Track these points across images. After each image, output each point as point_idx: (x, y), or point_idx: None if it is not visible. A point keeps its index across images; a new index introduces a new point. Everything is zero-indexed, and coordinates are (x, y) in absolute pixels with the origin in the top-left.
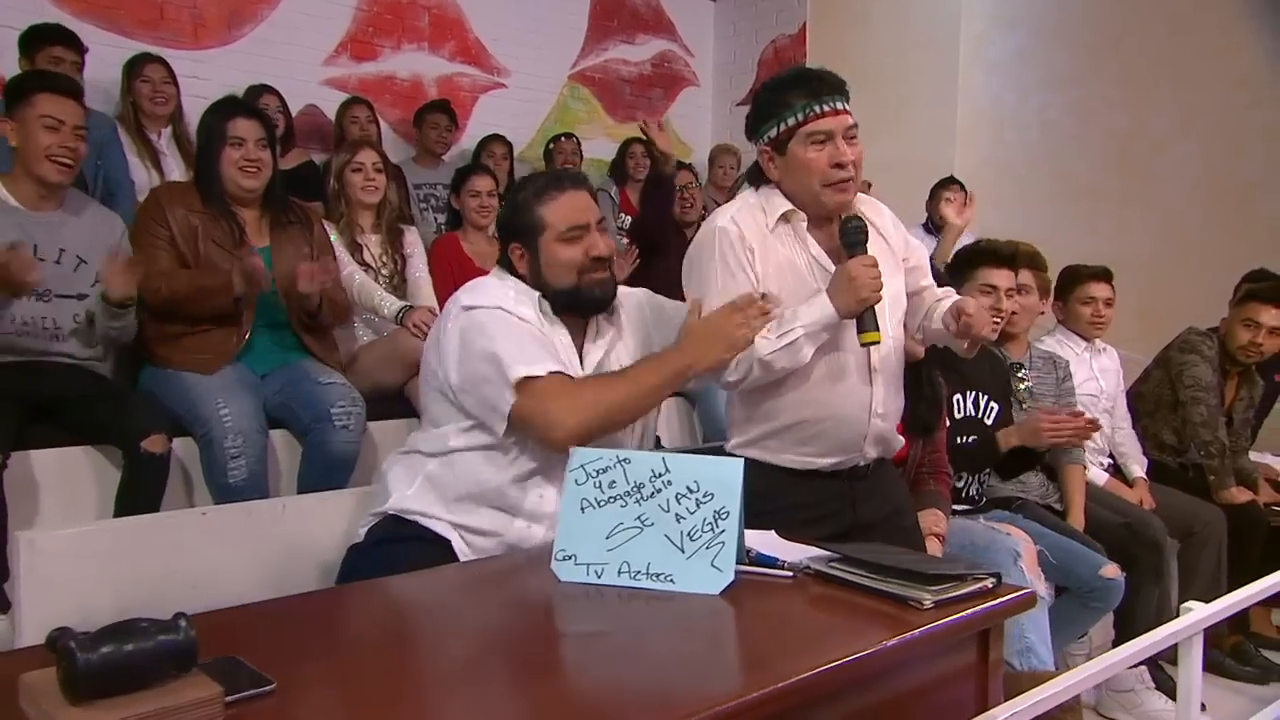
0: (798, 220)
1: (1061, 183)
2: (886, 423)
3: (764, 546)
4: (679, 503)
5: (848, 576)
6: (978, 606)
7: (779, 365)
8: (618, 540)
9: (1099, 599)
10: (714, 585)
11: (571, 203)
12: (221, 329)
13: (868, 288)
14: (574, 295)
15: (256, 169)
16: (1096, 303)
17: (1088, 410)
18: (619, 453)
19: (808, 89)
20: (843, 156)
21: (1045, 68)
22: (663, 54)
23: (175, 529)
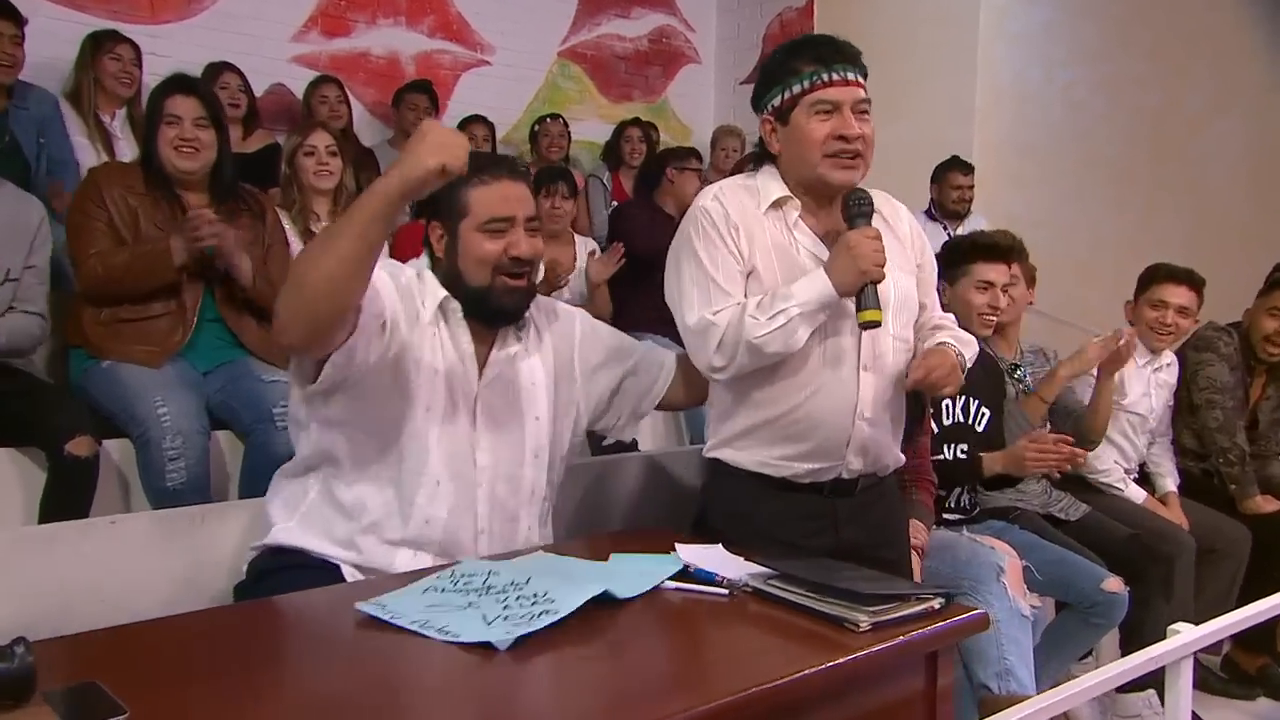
0: (790, 207)
1: (1089, 165)
2: (875, 430)
3: (707, 561)
4: (517, 602)
5: (785, 595)
6: (922, 629)
7: (771, 349)
8: (435, 608)
9: (1101, 615)
10: (488, 636)
11: (503, 192)
12: (166, 318)
13: (869, 260)
14: (484, 297)
15: (194, 150)
16: (1166, 308)
17: (1132, 432)
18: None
19: (817, 55)
20: (848, 129)
21: (1072, 42)
22: (661, 29)
23: (81, 539)
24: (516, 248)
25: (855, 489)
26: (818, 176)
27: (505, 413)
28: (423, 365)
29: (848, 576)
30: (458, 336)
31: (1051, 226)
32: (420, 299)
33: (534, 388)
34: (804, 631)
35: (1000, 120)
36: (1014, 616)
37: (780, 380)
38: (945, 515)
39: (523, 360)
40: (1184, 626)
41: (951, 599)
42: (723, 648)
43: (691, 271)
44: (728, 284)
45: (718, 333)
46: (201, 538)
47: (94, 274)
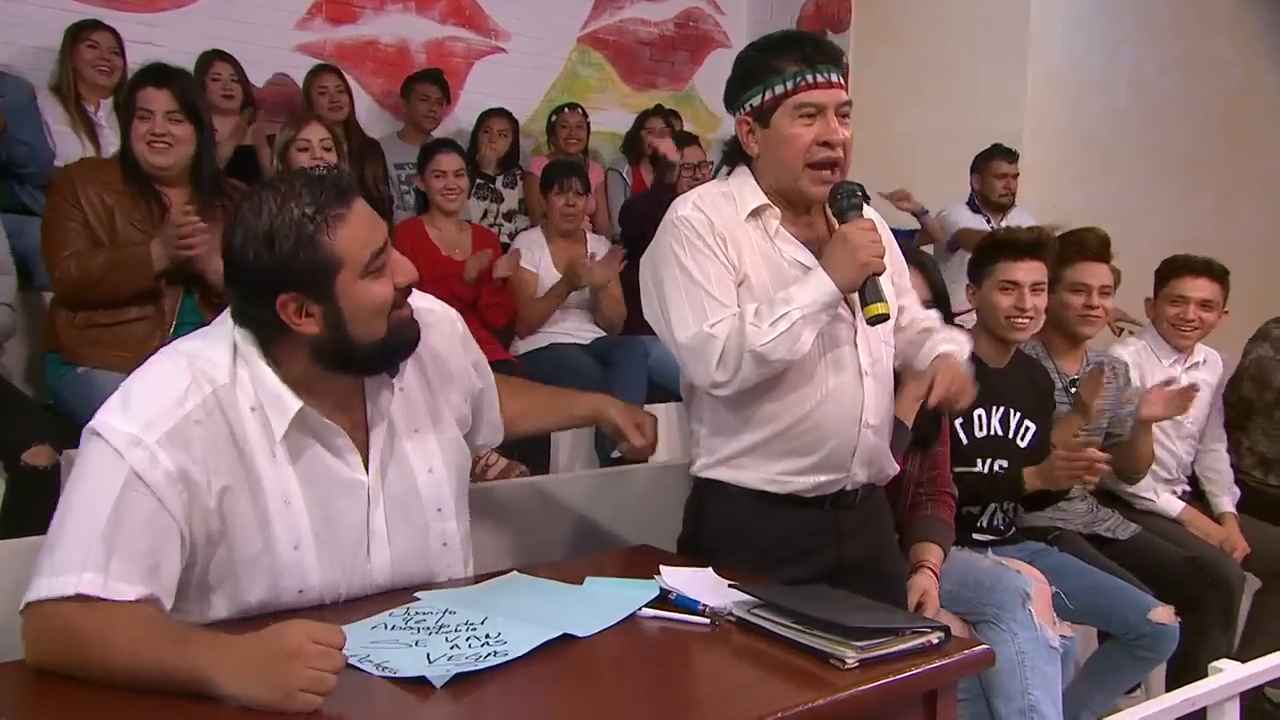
0: (770, 216)
1: (1156, 155)
2: (878, 438)
3: (693, 586)
4: (466, 642)
5: (769, 626)
6: (918, 667)
7: (775, 357)
8: (378, 644)
9: (1148, 647)
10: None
11: (367, 220)
12: (143, 322)
13: (867, 251)
14: (383, 349)
15: (166, 144)
16: (1187, 303)
17: (1167, 438)
18: (452, 602)
19: (801, 54)
20: (833, 134)
21: (1138, 19)
22: (688, 11)
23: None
24: (403, 275)
25: (855, 500)
26: (796, 187)
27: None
28: (269, 506)
29: (838, 607)
30: (330, 443)
31: (1114, 222)
32: (254, 425)
33: (418, 435)
34: (787, 667)
35: (1055, 106)
36: (1041, 648)
37: (787, 391)
38: (976, 536)
39: (399, 410)
40: (1227, 664)
41: (949, 634)
42: (697, 684)
43: (679, 285)
44: (722, 294)
45: (718, 345)
46: None
47: (69, 277)
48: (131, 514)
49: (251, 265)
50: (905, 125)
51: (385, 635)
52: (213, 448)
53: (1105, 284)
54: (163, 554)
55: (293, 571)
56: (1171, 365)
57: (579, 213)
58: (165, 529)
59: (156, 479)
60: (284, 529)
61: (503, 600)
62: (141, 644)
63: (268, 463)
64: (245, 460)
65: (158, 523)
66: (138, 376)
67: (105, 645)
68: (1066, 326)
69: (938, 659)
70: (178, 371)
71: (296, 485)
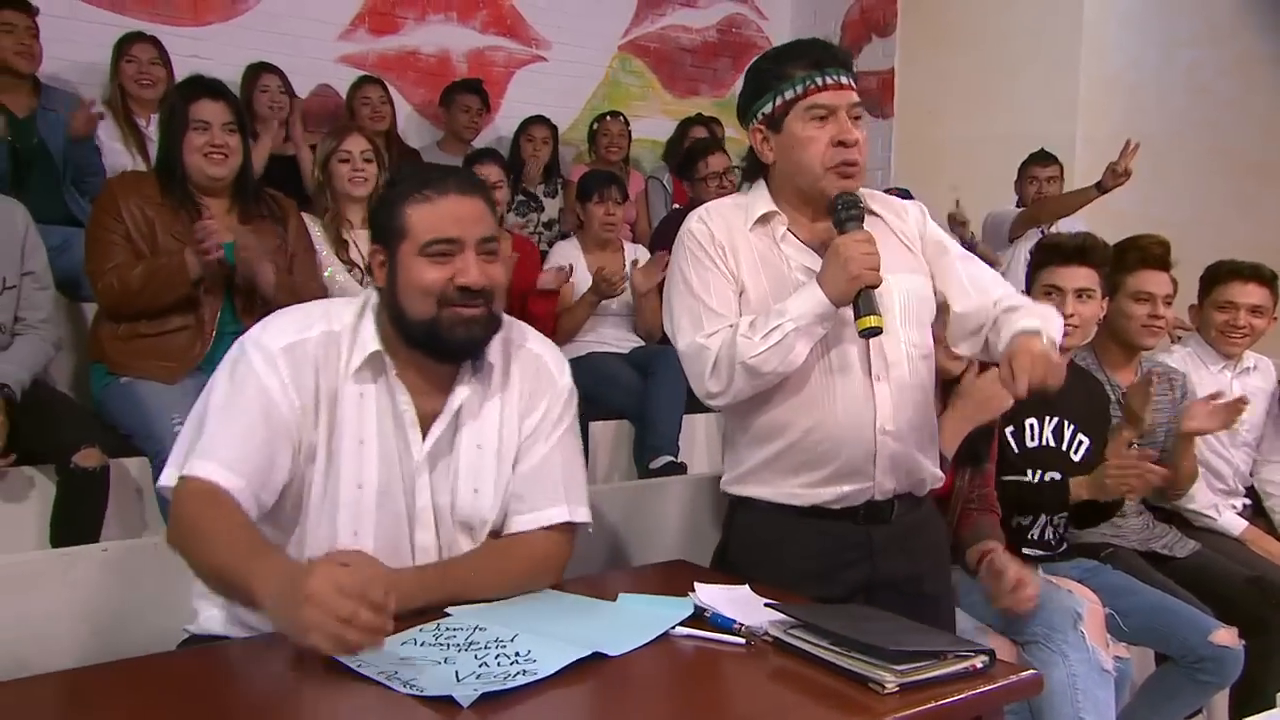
0: (777, 222)
1: (1216, 159)
2: (900, 444)
3: (728, 605)
4: (495, 661)
5: (806, 648)
6: (961, 693)
7: (767, 369)
8: (406, 661)
9: (1210, 671)
10: (452, 691)
11: (449, 210)
12: (184, 332)
13: (860, 264)
14: (430, 332)
15: (223, 155)
16: (1235, 309)
17: (1223, 446)
18: (483, 619)
19: (809, 59)
20: (846, 134)
21: (1197, 18)
22: (730, 18)
23: (71, 567)
24: (465, 275)
25: (891, 514)
26: (819, 190)
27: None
28: (341, 442)
29: (878, 628)
30: (396, 397)
31: (1171, 229)
32: (343, 357)
33: (479, 452)
34: (824, 690)
35: (1110, 110)
36: (1093, 670)
37: (789, 404)
38: (1026, 550)
39: (471, 418)
40: None
41: (994, 658)
42: (731, 707)
43: (682, 297)
44: (719, 306)
45: (710, 356)
46: None
47: (110, 289)
48: (252, 412)
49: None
50: (952, 131)
51: (415, 651)
52: (320, 374)
53: (1168, 293)
54: (274, 452)
55: (350, 509)
56: (1220, 372)
57: (618, 222)
58: (278, 430)
59: (274, 384)
60: (351, 465)
61: (533, 617)
62: (223, 545)
63: (353, 402)
64: (338, 394)
65: (273, 423)
66: (282, 310)
67: (198, 535)
68: (1126, 336)
69: (983, 684)
70: (312, 311)
71: (374, 432)
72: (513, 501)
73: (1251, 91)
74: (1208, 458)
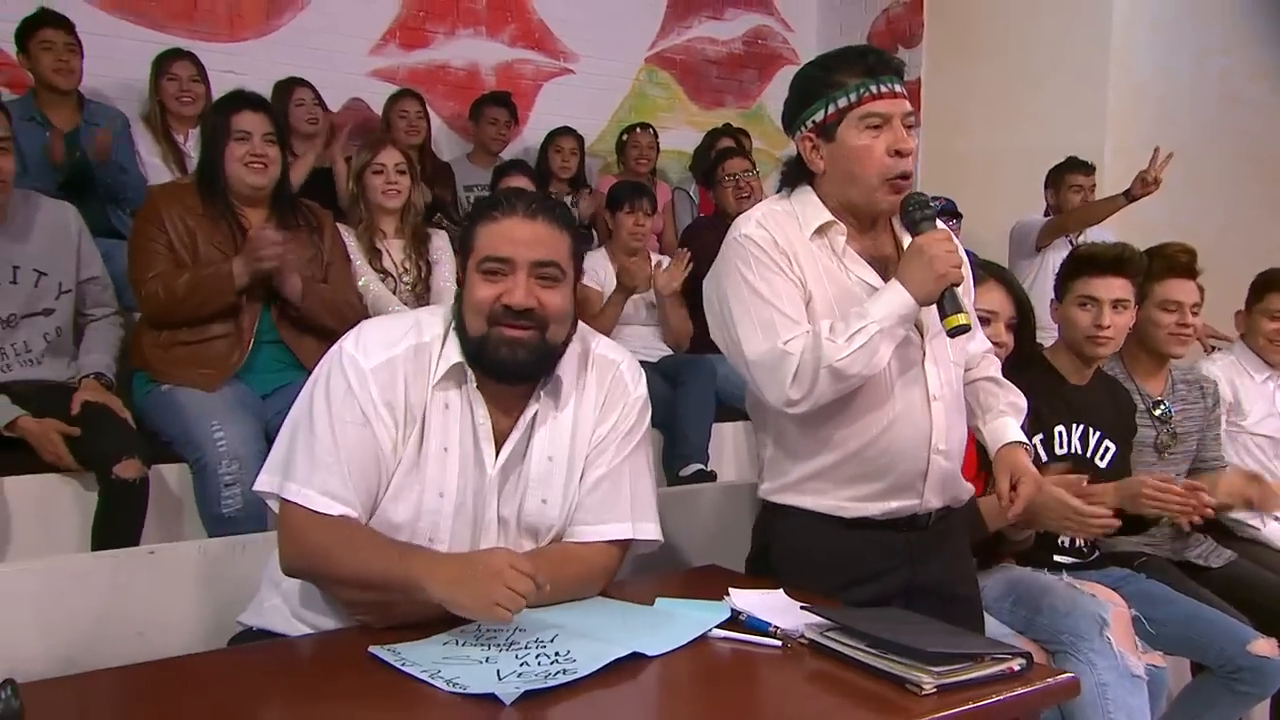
0: (836, 233)
1: (1248, 166)
2: (950, 463)
3: (764, 608)
4: (535, 660)
5: (843, 650)
6: (999, 695)
7: (853, 371)
8: (449, 659)
9: (1248, 682)
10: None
11: (508, 230)
12: (224, 340)
13: (945, 262)
14: (482, 349)
15: (263, 165)
16: None
17: (1267, 459)
18: (522, 620)
19: (863, 66)
20: (903, 143)
21: (1228, 24)
22: (756, 30)
23: (118, 569)
24: (511, 295)
25: (929, 523)
26: (871, 200)
27: (513, 498)
28: (429, 449)
29: (915, 630)
30: (475, 410)
31: (1201, 239)
32: (432, 368)
33: (549, 464)
34: (862, 691)
35: (1139, 118)
36: (1123, 678)
37: (855, 415)
38: (1057, 558)
39: (544, 426)
40: None
41: (1030, 661)
42: (768, 707)
43: (748, 304)
44: (792, 311)
45: (793, 362)
46: (241, 569)
47: (155, 297)
48: (346, 434)
49: None
50: (979, 142)
51: (456, 651)
52: (409, 388)
53: (1196, 301)
54: (378, 472)
55: (430, 517)
56: (1264, 381)
57: (646, 233)
58: (371, 451)
59: (370, 409)
60: (436, 472)
61: (573, 618)
62: (367, 555)
63: (439, 411)
64: (427, 405)
65: (366, 445)
66: (373, 320)
67: (335, 555)
68: (1154, 345)
69: (1020, 686)
70: (402, 323)
71: (456, 441)
72: (578, 512)
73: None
74: (1250, 466)
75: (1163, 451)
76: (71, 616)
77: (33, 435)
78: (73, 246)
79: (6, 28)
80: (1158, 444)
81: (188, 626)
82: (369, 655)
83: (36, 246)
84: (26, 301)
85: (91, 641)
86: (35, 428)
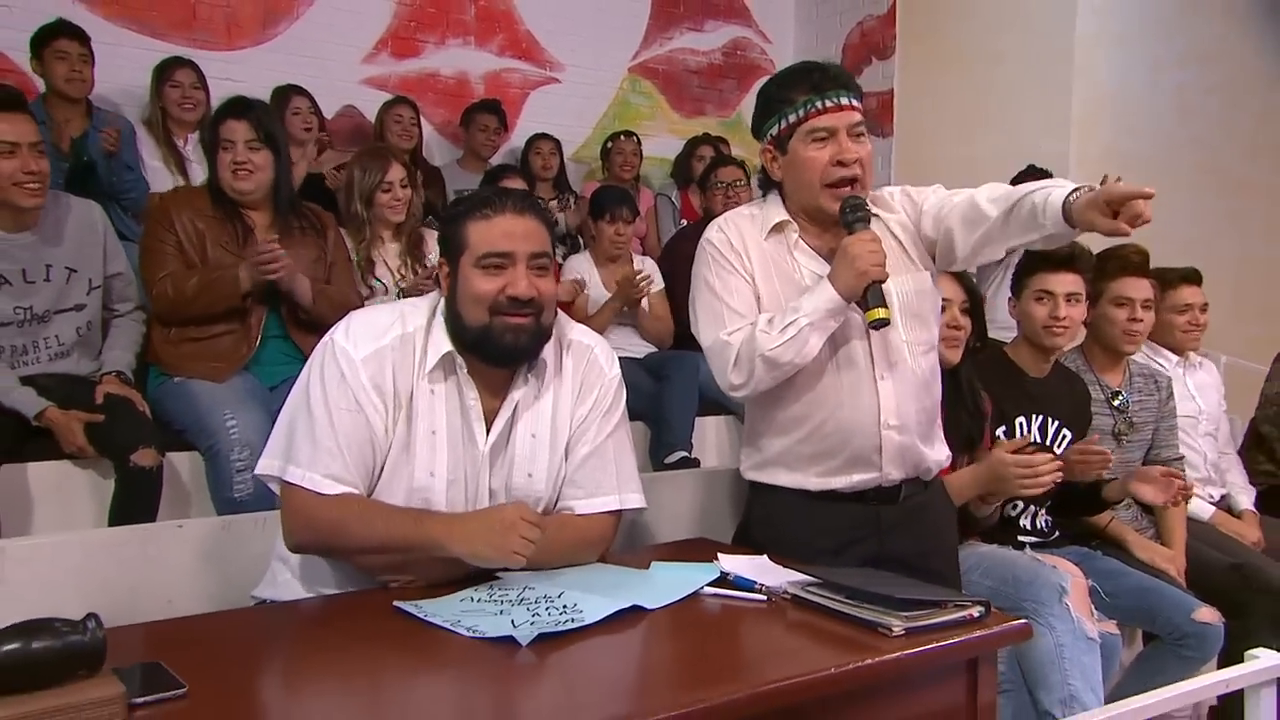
0: (790, 230)
1: (1204, 175)
2: (905, 436)
3: (748, 570)
4: (546, 611)
5: (822, 601)
6: (959, 636)
7: (784, 360)
8: (467, 612)
9: (1193, 647)
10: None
11: (503, 227)
12: (231, 336)
13: (866, 261)
14: (483, 338)
15: (248, 171)
16: (1192, 310)
17: (1189, 436)
18: (532, 580)
19: (810, 83)
20: (845, 154)
21: (1185, 40)
22: (735, 41)
23: (149, 541)
24: (514, 287)
25: (899, 496)
26: (818, 206)
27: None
28: (417, 433)
29: (886, 583)
30: (464, 393)
31: (1159, 245)
32: (417, 356)
33: (533, 440)
34: (838, 636)
35: (1101, 129)
36: (1079, 639)
37: (802, 399)
38: (1021, 538)
39: (527, 410)
40: (1264, 652)
41: (989, 609)
42: (753, 648)
43: (704, 299)
44: (739, 306)
45: (732, 351)
46: (261, 543)
47: (165, 295)
48: (343, 419)
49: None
50: (950, 151)
51: (473, 606)
52: (397, 375)
53: (1147, 297)
54: (373, 451)
55: (422, 495)
56: (1175, 367)
57: (627, 240)
58: (366, 434)
59: (362, 395)
60: (425, 453)
61: (577, 578)
62: (379, 525)
63: (425, 396)
64: (414, 391)
65: (360, 429)
66: (361, 311)
67: (347, 528)
68: (1109, 340)
69: (978, 629)
70: (388, 315)
71: (444, 424)
72: (569, 488)
73: (1237, 111)
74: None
75: (1120, 439)
76: (107, 584)
77: (57, 425)
78: (100, 243)
79: (10, 36)
80: (1116, 432)
81: (213, 592)
82: (393, 608)
83: (67, 244)
84: (58, 297)
85: (125, 607)
86: (60, 419)
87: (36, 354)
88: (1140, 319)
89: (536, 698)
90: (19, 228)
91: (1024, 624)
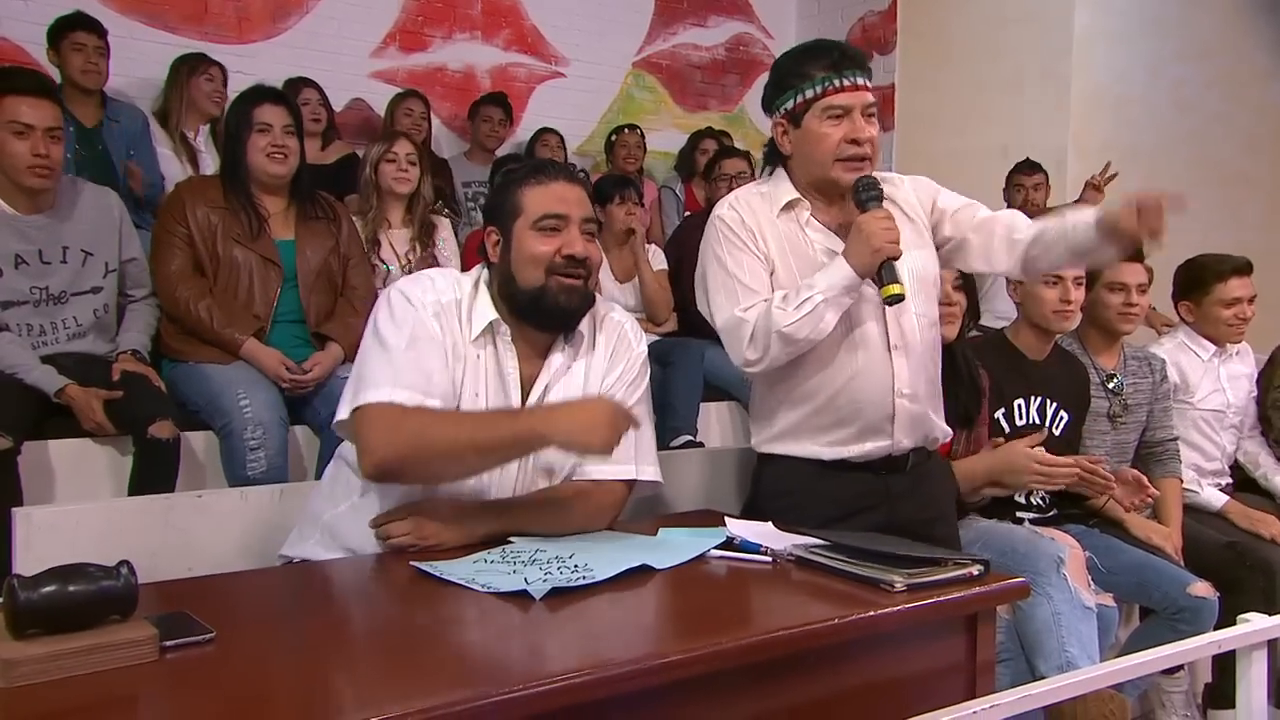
0: (801, 209)
1: (1201, 169)
2: (917, 405)
3: (756, 534)
4: (558, 571)
5: (825, 561)
6: (959, 593)
7: (800, 336)
8: (481, 570)
9: (1188, 621)
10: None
11: (558, 192)
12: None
13: (881, 238)
14: (539, 298)
15: (284, 155)
16: (1241, 303)
17: (1210, 429)
18: (543, 544)
19: (828, 60)
20: (859, 133)
21: (1183, 35)
22: (738, 37)
23: (170, 510)
24: (571, 246)
25: (907, 465)
26: (830, 179)
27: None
28: (464, 393)
29: (889, 544)
30: (503, 360)
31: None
32: (463, 322)
33: None
34: (841, 593)
35: (1099, 123)
36: (1076, 608)
37: (816, 372)
38: (1020, 514)
39: (561, 377)
40: (1256, 616)
41: (988, 567)
42: (758, 601)
43: (717, 277)
44: (754, 283)
45: (748, 328)
46: (277, 513)
47: (179, 303)
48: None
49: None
50: (949, 143)
51: (486, 566)
52: (448, 333)
53: (1142, 282)
54: (443, 380)
55: None
56: (1210, 359)
57: (638, 220)
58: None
59: (428, 318)
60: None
61: (587, 541)
62: (468, 425)
63: (472, 361)
64: (461, 351)
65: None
66: (417, 274)
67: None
68: (1105, 323)
69: (977, 586)
70: (446, 277)
71: (484, 388)
72: None
73: (1234, 106)
74: (1196, 439)
75: (1115, 421)
76: (129, 551)
77: (77, 402)
78: (115, 228)
79: (26, 29)
80: (1110, 414)
81: (231, 561)
82: (411, 567)
83: (83, 228)
84: (75, 279)
85: (147, 573)
86: (80, 395)
87: (55, 334)
88: (1135, 303)
89: (560, 643)
90: (35, 209)
91: (1022, 582)
